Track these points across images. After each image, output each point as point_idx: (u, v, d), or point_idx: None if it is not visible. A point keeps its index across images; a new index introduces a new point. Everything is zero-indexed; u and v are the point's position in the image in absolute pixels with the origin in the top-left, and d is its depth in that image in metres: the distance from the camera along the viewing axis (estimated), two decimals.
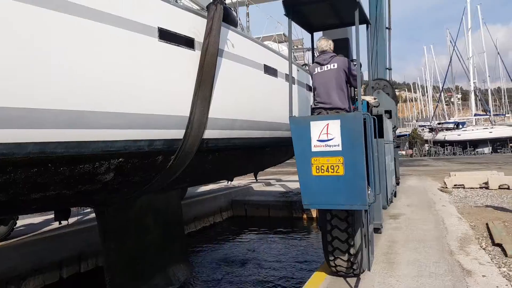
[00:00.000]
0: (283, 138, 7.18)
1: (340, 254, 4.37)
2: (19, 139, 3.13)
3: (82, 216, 10.93)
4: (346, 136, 3.87)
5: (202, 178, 7.15)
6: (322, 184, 3.99)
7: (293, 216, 14.24)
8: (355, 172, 3.85)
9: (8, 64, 2.93)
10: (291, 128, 4.13)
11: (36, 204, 3.92)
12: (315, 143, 4.00)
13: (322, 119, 4.02)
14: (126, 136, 4.00)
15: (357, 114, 3.93)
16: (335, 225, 4.29)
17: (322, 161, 3.95)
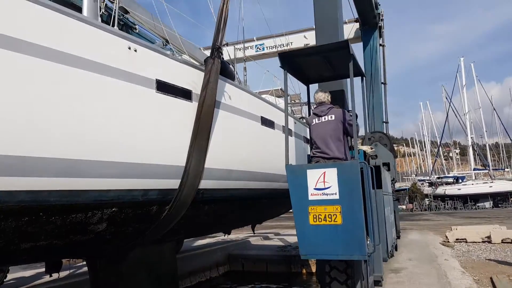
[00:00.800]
0: (281, 190, 7.13)
1: None
2: (10, 187, 3.12)
3: (75, 269, 10.59)
4: (343, 184, 3.87)
5: (197, 230, 7.01)
6: (319, 234, 3.93)
7: (291, 271, 13.75)
8: (353, 221, 3.81)
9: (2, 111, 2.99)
10: (288, 177, 4.14)
11: (26, 255, 3.82)
12: (312, 192, 3.99)
13: (318, 167, 4.05)
14: (120, 185, 3.99)
15: (354, 162, 3.96)
16: (334, 277, 4.17)
17: (319, 209, 3.92)
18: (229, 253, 15.40)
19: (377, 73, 13.53)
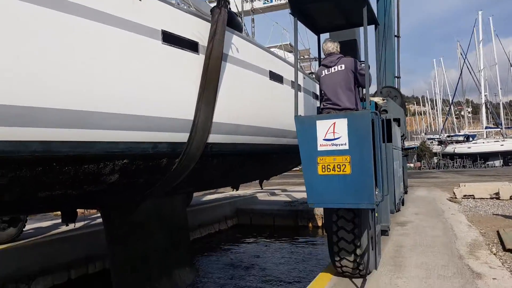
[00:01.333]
0: (289, 145, 7.19)
1: (346, 255, 4.35)
2: (24, 137, 3.20)
3: (89, 220, 11.03)
4: (353, 135, 3.87)
5: (206, 183, 7.17)
6: (328, 184, 3.98)
7: (298, 225, 14.17)
8: (362, 171, 3.84)
9: (15, 63, 3.01)
10: (297, 128, 4.14)
11: (43, 203, 3.98)
12: (321, 142, 4.00)
13: (328, 118, 4.03)
14: (130, 137, 4.05)
15: (365, 112, 3.93)
16: (341, 226, 4.28)
17: (328, 160, 3.95)
18: (238, 207, 15.83)
19: (390, 25, 13.07)
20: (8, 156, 3.14)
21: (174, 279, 6.11)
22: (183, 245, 6.60)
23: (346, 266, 4.47)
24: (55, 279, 8.75)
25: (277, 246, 11.89)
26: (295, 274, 8.93)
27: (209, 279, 8.73)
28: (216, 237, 13.75)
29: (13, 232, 8.69)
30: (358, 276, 4.54)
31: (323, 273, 5.02)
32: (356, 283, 4.46)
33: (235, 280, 8.63)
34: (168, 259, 6.14)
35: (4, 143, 3.08)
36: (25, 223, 9.11)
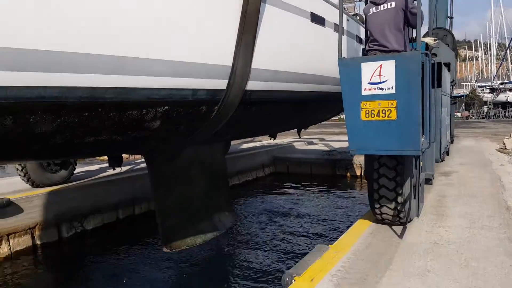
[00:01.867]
0: (330, 93, 6.99)
1: (387, 202, 4.32)
2: (70, 83, 3.28)
3: (134, 165, 11.57)
4: (401, 78, 3.67)
5: (245, 132, 7.21)
6: (371, 129, 3.87)
7: (336, 174, 14.20)
8: (408, 117, 3.68)
9: (59, 9, 3.02)
10: (340, 71, 3.98)
11: (91, 148, 4.16)
12: (366, 86, 3.84)
13: (374, 60, 3.83)
14: (170, 84, 4.07)
15: (415, 53, 3.69)
16: (382, 173, 4.21)
17: (372, 105, 3.81)
18: (275, 155, 16.02)
19: None
20: (57, 102, 3.25)
21: (214, 223, 6.37)
22: (223, 190, 6.80)
23: (386, 214, 4.46)
24: (104, 219, 9.43)
25: (314, 194, 12.04)
26: (332, 221, 9.07)
27: (247, 224, 9.06)
28: (254, 184, 14.11)
29: (65, 175, 9.29)
30: (398, 223, 4.54)
31: (362, 220, 5.06)
32: (395, 230, 4.45)
33: (272, 225, 8.90)
34: (209, 204, 6.38)
35: (53, 89, 3.18)
36: (75, 166, 9.71)
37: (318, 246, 4.33)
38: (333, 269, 3.75)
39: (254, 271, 6.63)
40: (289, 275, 3.69)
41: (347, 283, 3.46)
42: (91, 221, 9.06)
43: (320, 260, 3.96)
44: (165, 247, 5.77)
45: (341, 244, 4.38)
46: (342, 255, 4.05)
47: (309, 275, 3.64)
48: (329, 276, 3.59)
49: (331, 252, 4.15)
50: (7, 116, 3.12)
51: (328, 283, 3.48)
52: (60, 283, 6.78)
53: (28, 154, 3.93)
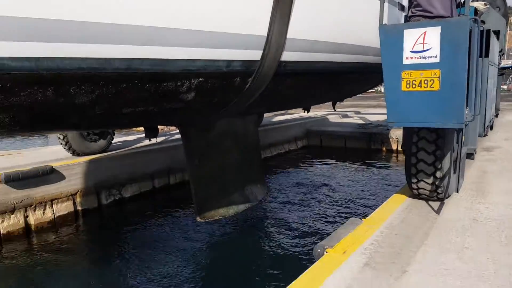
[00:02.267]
0: (368, 64, 6.74)
1: (425, 177, 4.20)
2: (108, 55, 3.31)
3: (168, 136, 11.80)
4: (446, 46, 3.46)
5: (279, 104, 7.13)
6: (412, 101, 3.72)
7: (371, 148, 13.93)
8: (453, 87, 3.49)
9: None
10: (381, 39, 3.80)
11: (128, 119, 4.25)
12: (407, 55, 3.66)
13: (418, 27, 3.62)
14: (205, 55, 4.03)
15: (462, 19, 3.45)
16: (421, 147, 4.07)
17: (414, 75, 3.64)
18: (308, 128, 15.87)
19: None
20: (96, 73, 3.31)
21: (246, 195, 6.45)
22: (255, 163, 6.83)
23: (423, 189, 4.34)
24: (141, 187, 9.77)
25: (348, 168, 11.90)
26: (365, 195, 8.98)
27: (279, 196, 9.12)
28: (286, 157, 14.10)
29: (103, 144, 9.62)
30: (435, 199, 4.42)
31: (397, 195, 4.97)
32: (432, 206, 4.35)
33: (304, 198, 8.92)
34: (241, 176, 6.45)
35: (92, 60, 3.22)
36: (113, 136, 10.02)
37: (351, 220, 4.31)
38: (366, 242, 3.73)
39: (285, 242, 6.72)
40: (321, 246, 3.70)
41: (380, 256, 3.44)
42: (128, 189, 9.41)
43: (353, 233, 3.94)
44: (198, 217, 5.92)
45: (375, 218, 4.33)
46: (375, 229, 4.02)
47: (342, 247, 3.64)
48: (362, 250, 3.58)
49: (364, 226, 4.12)
50: (49, 87, 3.21)
51: (360, 256, 3.47)
52: (99, 248, 7.15)
53: (68, 124, 4.06)
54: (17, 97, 3.13)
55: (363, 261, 3.37)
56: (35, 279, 5.94)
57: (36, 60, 3.02)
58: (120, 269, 6.11)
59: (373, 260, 3.37)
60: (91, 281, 5.83)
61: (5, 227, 7.39)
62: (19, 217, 7.59)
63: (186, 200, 8.79)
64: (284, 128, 15.01)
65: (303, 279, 3.16)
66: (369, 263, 3.33)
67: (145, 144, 10.51)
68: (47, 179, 8.02)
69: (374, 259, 3.39)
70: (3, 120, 3.29)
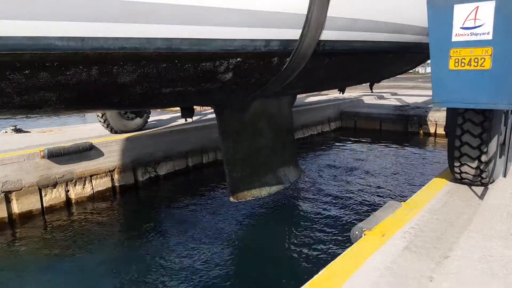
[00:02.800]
0: (409, 43, 6.47)
1: (469, 161, 4.05)
2: (149, 34, 3.33)
3: (202, 115, 11.92)
4: (501, 21, 3.26)
5: (316, 85, 7.00)
6: (460, 80, 3.55)
7: (408, 131, 13.56)
8: (506, 66, 3.31)
9: None
10: (428, 14, 3.63)
11: (166, 99, 4.30)
12: (457, 32, 3.48)
13: (470, 1, 3.43)
14: (243, 35, 3.99)
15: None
16: (466, 130, 3.91)
17: (463, 52, 3.46)
18: (342, 110, 15.58)
19: None
20: (137, 52, 3.34)
21: (279, 177, 6.46)
22: (289, 144, 6.79)
23: (467, 173, 4.20)
24: (175, 166, 9.98)
25: (383, 151, 11.67)
26: (402, 178, 8.79)
27: (312, 178, 9.07)
28: (319, 139, 13.97)
29: (140, 122, 9.85)
30: (478, 184, 4.27)
31: (438, 179, 4.84)
32: (475, 191, 4.21)
33: (338, 180, 8.83)
34: (275, 157, 6.44)
35: (133, 40, 3.25)
36: (149, 114, 10.23)
37: (390, 203, 4.24)
38: (406, 226, 3.67)
39: (319, 224, 6.71)
40: (359, 229, 3.67)
41: (421, 241, 3.37)
42: (163, 167, 9.64)
43: (392, 216, 3.88)
44: (232, 197, 5.98)
45: (415, 202, 4.24)
46: (415, 213, 3.94)
47: (380, 230, 3.59)
48: (401, 233, 3.53)
49: (403, 209, 4.05)
50: (93, 66, 3.27)
51: (400, 239, 3.42)
52: (135, 223, 7.39)
53: (110, 104, 4.16)
54: (63, 76, 3.22)
55: (403, 244, 3.32)
56: (74, 249, 6.25)
57: (82, 40, 3.08)
58: (154, 244, 6.31)
59: (414, 244, 3.32)
60: (125, 253, 6.08)
61: (47, 200, 7.77)
62: (60, 191, 7.95)
63: (219, 179, 8.93)
64: (317, 109, 14.81)
65: (341, 261, 3.14)
66: (409, 247, 3.27)
67: (179, 123, 10.68)
68: (87, 155, 8.33)
69: (415, 243, 3.33)
70: (50, 98, 3.40)
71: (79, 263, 5.80)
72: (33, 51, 2.93)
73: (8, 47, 2.81)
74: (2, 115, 3.75)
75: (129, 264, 5.65)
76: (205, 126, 10.50)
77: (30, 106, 3.44)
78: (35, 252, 6.23)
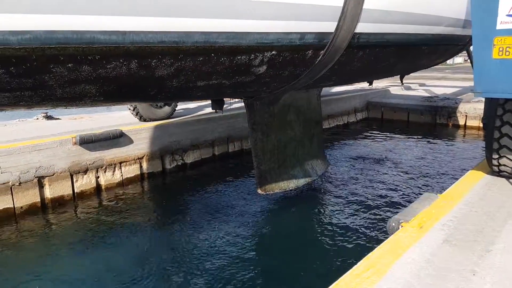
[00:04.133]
0: (443, 35, 6.29)
1: (509, 153, 3.96)
2: (187, 28, 3.35)
3: (227, 105, 11.96)
4: None
5: (348, 77, 6.91)
6: (504, 69, 3.44)
7: (436, 123, 13.27)
8: None
9: None
10: (472, 2, 3.52)
11: (201, 92, 4.34)
12: (502, 19, 3.37)
13: None
14: (279, 28, 3.96)
15: None
16: (506, 121, 3.81)
17: (508, 41, 3.35)
18: (369, 100, 15.33)
19: None
20: (176, 46, 3.37)
21: (306, 169, 6.45)
22: (317, 137, 6.77)
23: (506, 165, 4.11)
24: (202, 154, 10.08)
25: (411, 142, 11.46)
26: (432, 171, 8.63)
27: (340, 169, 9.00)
28: (345, 129, 13.83)
29: (168, 111, 9.96)
30: None
31: (474, 171, 4.75)
32: None
33: (366, 171, 8.74)
34: (303, 150, 6.43)
35: (173, 34, 3.28)
36: (177, 103, 10.33)
37: (426, 194, 4.19)
38: (444, 218, 3.61)
39: (349, 216, 6.63)
40: (396, 220, 3.63)
41: (460, 234, 3.31)
42: (190, 155, 9.76)
43: (429, 208, 3.83)
44: (259, 189, 6.02)
45: (452, 194, 4.18)
46: (453, 205, 3.88)
47: (418, 222, 3.55)
48: (440, 226, 3.47)
49: (440, 201, 3.99)
50: (133, 60, 3.32)
51: (439, 232, 3.36)
52: (163, 210, 7.55)
53: (147, 96, 4.22)
54: (104, 69, 3.28)
55: (442, 237, 3.27)
56: (102, 233, 6.45)
57: (123, 34, 3.13)
58: (180, 230, 6.40)
59: (453, 237, 3.26)
60: (152, 239, 6.22)
61: (78, 186, 8.00)
62: (91, 177, 8.17)
63: (245, 169, 8.98)
64: (344, 99, 14.62)
65: (380, 252, 3.11)
66: (449, 240, 3.22)
67: (206, 112, 10.75)
68: (117, 143, 8.50)
69: (454, 236, 3.27)
70: (90, 91, 3.48)
71: (109, 246, 5.99)
72: (77, 45, 3.00)
73: (54, 41, 2.88)
74: (43, 107, 3.86)
75: (157, 249, 5.81)
76: (232, 115, 10.54)
77: (71, 99, 3.53)
78: (67, 236, 6.46)
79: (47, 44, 2.85)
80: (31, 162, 7.27)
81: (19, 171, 7.12)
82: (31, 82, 3.04)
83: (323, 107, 12.90)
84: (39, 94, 3.22)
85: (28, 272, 5.31)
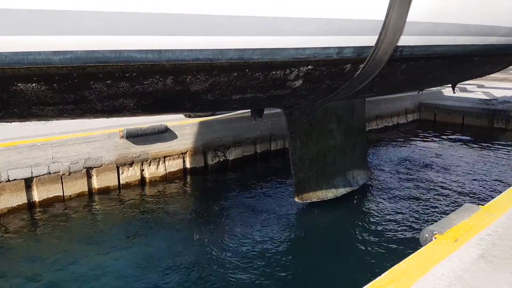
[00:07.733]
0: (497, 45, 5.87)
1: None
2: (222, 46, 3.41)
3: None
4: None
5: (390, 89, 6.67)
6: None
7: (493, 127, 12.46)
8: None
9: None
10: None
11: (236, 104, 4.42)
12: None
13: None
14: (315, 43, 3.92)
15: None
16: None
17: None
18: (421, 101, 14.66)
19: None
20: (210, 63, 3.46)
21: (347, 179, 6.34)
22: (360, 146, 6.62)
23: None
24: (244, 151, 10.19)
25: (464, 147, 10.85)
26: (484, 179, 8.12)
27: (383, 173, 8.69)
28: (394, 131, 13.36)
29: None
30: None
31: None
32: None
33: (411, 177, 8.37)
34: (344, 159, 6.32)
35: (207, 51, 3.37)
36: None
37: (467, 205, 3.99)
38: (483, 232, 3.41)
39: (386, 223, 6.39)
40: (430, 231, 3.48)
41: (499, 250, 3.11)
42: (232, 152, 9.91)
43: (468, 220, 3.63)
44: (297, 197, 6.00)
45: (495, 206, 3.94)
46: (495, 218, 3.66)
47: (453, 235, 3.38)
48: (477, 240, 3.29)
49: (481, 213, 3.77)
50: (169, 76, 3.45)
51: (475, 246, 3.18)
52: (203, 204, 7.71)
53: (182, 108, 4.38)
54: (140, 85, 3.44)
55: (478, 252, 3.09)
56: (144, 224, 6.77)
57: (159, 52, 3.26)
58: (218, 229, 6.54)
59: (490, 253, 3.07)
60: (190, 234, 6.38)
61: (124, 177, 8.40)
62: (136, 170, 8.55)
63: (287, 169, 8.94)
64: (394, 99, 14.06)
65: (407, 264, 3.00)
66: (485, 256, 3.04)
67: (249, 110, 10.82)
68: (162, 137, 8.82)
69: (491, 252, 3.08)
70: (128, 104, 3.67)
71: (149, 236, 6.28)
72: (115, 63, 3.17)
73: (94, 60, 3.07)
74: (84, 118, 4.12)
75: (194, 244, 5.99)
76: (274, 114, 10.53)
77: (111, 111, 3.75)
78: (111, 224, 6.85)
79: (87, 63, 3.04)
80: (80, 154, 7.74)
81: (69, 161, 7.61)
82: (72, 97, 3.26)
83: (373, 107, 12.57)
84: (80, 107, 3.45)
85: (73, 254, 5.73)
